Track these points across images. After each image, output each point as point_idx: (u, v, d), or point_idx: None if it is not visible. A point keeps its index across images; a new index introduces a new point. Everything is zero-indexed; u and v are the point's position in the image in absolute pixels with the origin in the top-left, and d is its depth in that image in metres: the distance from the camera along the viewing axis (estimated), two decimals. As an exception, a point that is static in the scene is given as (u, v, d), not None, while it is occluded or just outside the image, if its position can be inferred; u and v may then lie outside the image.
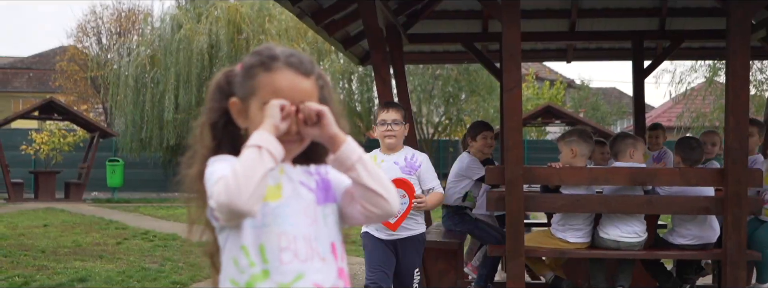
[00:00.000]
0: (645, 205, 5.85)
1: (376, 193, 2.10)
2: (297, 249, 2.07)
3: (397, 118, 5.35)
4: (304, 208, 2.13)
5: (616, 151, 6.26)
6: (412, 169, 5.36)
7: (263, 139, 1.96)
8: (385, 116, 5.38)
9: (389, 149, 5.41)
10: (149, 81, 23.91)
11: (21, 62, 49.72)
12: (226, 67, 2.29)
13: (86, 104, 37.73)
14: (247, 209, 1.90)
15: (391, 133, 5.34)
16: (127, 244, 11.53)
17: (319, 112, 2.07)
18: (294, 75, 2.10)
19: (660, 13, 8.76)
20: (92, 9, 52.67)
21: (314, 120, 2.07)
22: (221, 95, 2.19)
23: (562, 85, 32.92)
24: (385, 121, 5.37)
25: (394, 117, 5.36)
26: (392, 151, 5.40)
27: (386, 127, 5.36)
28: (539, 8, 8.69)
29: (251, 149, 1.94)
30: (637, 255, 6.05)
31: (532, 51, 11.03)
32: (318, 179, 2.21)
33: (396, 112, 5.36)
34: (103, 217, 16.00)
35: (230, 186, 1.88)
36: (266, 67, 2.10)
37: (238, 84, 2.16)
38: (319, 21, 7.26)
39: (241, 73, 2.16)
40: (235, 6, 24.10)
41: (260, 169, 1.91)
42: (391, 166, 5.32)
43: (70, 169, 23.61)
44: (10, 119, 22.77)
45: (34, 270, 8.92)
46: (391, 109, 5.39)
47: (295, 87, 2.10)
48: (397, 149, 5.42)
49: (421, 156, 5.45)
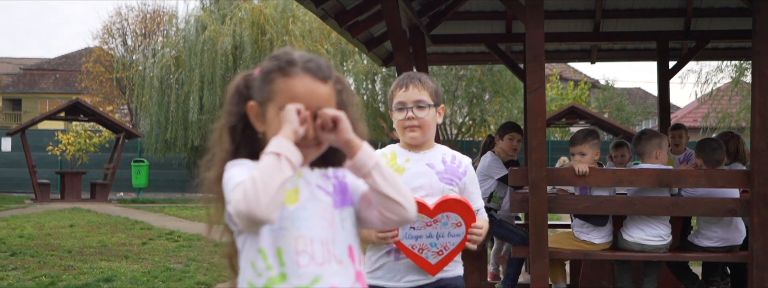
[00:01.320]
0: (670, 207, 5.80)
1: (393, 200, 2.10)
2: (314, 252, 2.08)
3: (422, 99, 3.35)
4: (321, 211, 2.13)
5: (641, 152, 6.13)
6: (454, 176, 3.40)
7: (282, 146, 1.96)
8: (404, 96, 3.38)
9: (415, 146, 3.44)
10: (174, 82, 24.05)
11: (47, 63, 50.20)
12: (245, 71, 2.29)
13: (112, 105, 38.00)
14: (266, 217, 1.90)
15: (413, 124, 3.36)
16: (152, 244, 11.60)
17: (335, 118, 2.06)
18: (312, 80, 2.10)
19: (685, 14, 8.70)
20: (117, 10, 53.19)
21: (330, 126, 2.07)
22: (240, 99, 2.20)
23: (586, 85, 32.74)
24: (404, 105, 3.37)
25: (417, 97, 3.35)
26: (420, 149, 3.43)
27: (406, 113, 3.36)
28: (563, 9, 8.67)
29: (270, 156, 1.94)
30: (662, 257, 6.00)
31: (556, 52, 11.00)
32: (335, 183, 2.21)
33: (420, 89, 3.36)
34: (129, 218, 16.10)
35: (249, 194, 1.88)
36: (284, 72, 2.11)
37: (257, 88, 2.16)
38: (343, 22, 7.27)
39: (259, 77, 2.17)
40: (259, 7, 24.18)
41: (279, 177, 1.91)
42: (424, 169, 3.39)
43: (96, 169, 23.80)
44: (36, 120, 22.98)
45: (60, 270, 9.00)
46: (411, 85, 3.37)
47: (313, 92, 2.09)
48: (426, 146, 3.44)
49: (463, 159, 3.49)
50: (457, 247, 3.35)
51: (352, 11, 7.22)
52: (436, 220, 3.28)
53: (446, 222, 3.29)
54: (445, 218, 3.28)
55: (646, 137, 6.13)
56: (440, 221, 3.28)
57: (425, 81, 3.42)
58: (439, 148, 3.50)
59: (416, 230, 3.28)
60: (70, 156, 23.72)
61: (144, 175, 23.24)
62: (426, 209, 3.26)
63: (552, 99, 29.99)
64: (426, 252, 3.28)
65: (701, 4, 8.63)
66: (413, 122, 3.36)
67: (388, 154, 3.46)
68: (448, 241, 3.31)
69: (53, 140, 24.32)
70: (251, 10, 23.91)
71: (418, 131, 3.38)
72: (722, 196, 6.00)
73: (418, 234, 3.28)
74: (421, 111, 3.36)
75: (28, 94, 47.83)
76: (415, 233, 3.28)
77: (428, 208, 3.26)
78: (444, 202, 3.26)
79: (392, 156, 3.45)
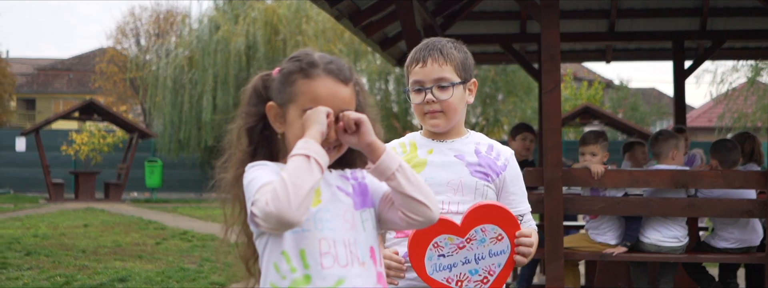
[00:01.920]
0: (687, 208, 5.76)
1: (417, 201, 2.09)
2: (337, 254, 2.07)
3: (444, 76, 2.65)
4: (343, 212, 2.13)
5: (658, 152, 6.12)
6: (491, 170, 2.71)
7: (311, 148, 1.96)
8: (421, 74, 2.68)
9: (441, 134, 2.76)
10: (187, 82, 24.12)
11: (61, 64, 50.44)
12: (262, 71, 2.29)
13: (125, 105, 38.16)
14: (297, 219, 1.90)
15: (434, 109, 2.67)
16: (166, 244, 11.62)
17: (358, 121, 2.07)
18: (333, 82, 2.11)
19: (701, 13, 8.64)
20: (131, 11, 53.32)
21: (353, 129, 2.07)
22: (258, 99, 2.20)
23: (600, 85, 32.64)
24: (422, 85, 2.69)
25: (437, 74, 2.65)
26: (447, 137, 2.75)
27: (424, 95, 2.68)
28: (578, 9, 8.62)
29: (300, 158, 1.94)
30: (679, 258, 5.96)
31: (570, 52, 10.95)
32: (354, 184, 2.21)
33: (441, 64, 2.65)
34: (142, 218, 16.14)
35: (279, 196, 1.88)
36: (305, 74, 2.11)
37: (276, 89, 2.16)
38: (357, 22, 7.26)
39: (279, 78, 2.16)
40: (272, 7, 24.22)
41: (309, 179, 1.91)
42: (451, 160, 2.71)
43: (110, 169, 23.87)
44: (51, 120, 23.08)
45: (75, 270, 9.02)
46: (430, 59, 2.67)
47: (335, 94, 2.10)
48: (454, 133, 2.76)
49: (503, 150, 2.78)
50: (506, 267, 2.60)
51: (366, 11, 7.20)
52: (470, 239, 2.59)
53: (483, 238, 2.59)
54: (479, 234, 2.59)
55: (663, 138, 6.12)
56: (475, 239, 2.59)
57: (449, 52, 2.68)
58: (472, 135, 2.79)
59: (447, 258, 2.59)
60: (84, 156, 23.81)
61: (157, 175, 23.30)
62: (453, 228, 2.59)
63: (566, 99, 29.90)
64: (467, 284, 2.59)
65: (717, 4, 8.57)
66: (434, 107, 2.65)
67: (408, 144, 2.80)
68: (492, 263, 2.60)
69: (67, 140, 24.41)
70: (264, 10, 23.96)
71: (440, 117, 2.67)
72: (738, 197, 5.95)
73: (451, 262, 2.59)
74: (443, 92, 2.64)
75: (43, 94, 48.05)
76: (446, 262, 2.59)
77: (455, 225, 2.59)
78: (473, 212, 2.58)
79: (412, 147, 2.78)
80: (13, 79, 38.29)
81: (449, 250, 2.59)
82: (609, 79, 42.42)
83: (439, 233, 2.58)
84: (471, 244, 2.59)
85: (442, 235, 2.58)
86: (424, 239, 2.58)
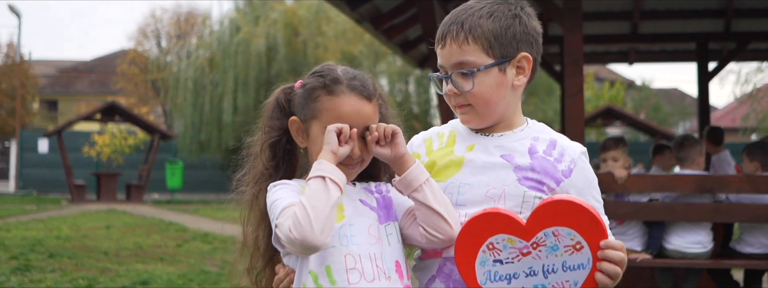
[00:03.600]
0: (712, 213, 5.70)
1: (439, 215, 2.05)
2: (363, 269, 2.05)
3: (466, 60, 2.05)
4: (367, 227, 2.11)
5: (684, 157, 6.09)
6: (547, 176, 2.08)
7: (325, 169, 1.96)
8: (442, 58, 2.13)
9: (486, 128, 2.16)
10: (208, 83, 24.20)
11: (83, 65, 50.73)
12: (284, 84, 2.27)
13: (146, 107, 38.33)
14: (321, 243, 1.90)
15: (459, 102, 2.11)
16: (187, 246, 11.64)
17: (394, 132, 2.06)
18: (357, 99, 2.09)
19: (725, 15, 8.55)
20: (152, 12, 53.58)
21: (388, 139, 2.06)
22: (281, 113, 2.19)
23: (622, 85, 32.45)
24: (444, 71, 2.14)
25: (457, 58, 2.06)
26: (494, 130, 2.15)
27: (446, 84, 2.12)
28: (600, 10, 8.55)
29: (316, 181, 1.94)
30: (703, 264, 5.89)
31: (593, 54, 10.88)
32: (378, 197, 2.19)
33: (460, 43, 2.06)
34: (163, 219, 16.19)
35: (301, 221, 1.88)
36: (329, 91, 2.09)
37: (300, 104, 2.15)
38: (378, 26, 7.24)
39: (302, 93, 2.15)
40: (292, 8, 24.25)
41: (328, 201, 1.91)
42: (495, 162, 2.10)
43: (131, 170, 23.99)
44: (73, 122, 23.22)
45: (97, 272, 9.04)
46: (448, 38, 2.08)
47: (359, 111, 2.08)
48: (504, 126, 2.15)
49: (569, 149, 2.13)
50: (584, 286, 1.94)
51: (387, 15, 7.19)
52: (537, 244, 1.96)
53: (555, 245, 1.95)
54: (551, 239, 1.95)
55: (689, 143, 6.11)
56: (545, 245, 1.96)
57: (474, 24, 2.03)
58: (530, 127, 2.16)
59: (505, 265, 1.98)
60: (106, 157, 23.95)
61: (178, 176, 23.39)
62: (516, 226, 1.98)
63: (588, 99, 29.75)
64: None
65: (742, 5, 8.47)
66: (458, 99, 2.09)
67: (446, 134, 2.22)
68: (566, 280, 1.94)
69: (89, 142, 24.56)
70: (285, 12, 23.99)
71: (469, 112, 2.10)
72: (765, 202, 5.88)
73: (511, 271, 1.98)
74: (465, 81, 2.05)
75: (65, 95, 48.33)
76: (504, 271, 1.98)
77: (519, 223, 1.98)
78: (543, 209, 1.96)
79: (450, 138, 2.20)
80: (35, 81, 38.58)
81: (509, 255, 1.98)
82: (631, 80, 42.18)
83: (497, 231, 1.98)
84: (538, 250, 1.96)
85: (501, 234, 1.98)
86: (477, 237, 2.00)
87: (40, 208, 19.28)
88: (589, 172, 2.11)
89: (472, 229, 2.02)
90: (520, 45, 2.06)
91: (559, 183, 2.06)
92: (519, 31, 2.06)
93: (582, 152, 2.12)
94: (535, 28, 2.11)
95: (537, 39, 2.11)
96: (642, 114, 34.65)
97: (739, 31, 8.80)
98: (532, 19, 2.11)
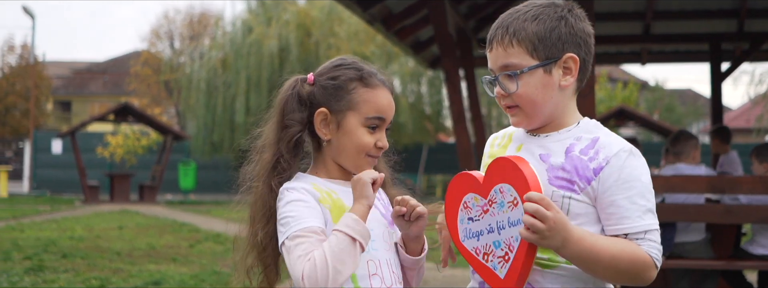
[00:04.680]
0: (724, 214, 5.67)
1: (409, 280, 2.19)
2: (383, 274, 2.07)
3: (511, 62, 2.07)
4: (382, 233, 2.13)
5: (680, 152, 6.17)
6: (576, 175, 2.03)
7: (359, 230, 1.94)
8: (490, 61, 2.15)
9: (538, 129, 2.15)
10: (221, 84, 24.25)
11: (97, 66, 50.93)
12: (296, 75, 2.22)
13: (159, 107, 38.45)
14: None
15: (507, 103, 2.12)
16: (200, 247, 11.67)
17: (420, 214, 2.08)
18: (388, 93, 2.14)
19: (738, 15, 8.50)
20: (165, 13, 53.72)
21: (413, 219, 2.09)
22: (302, 105, 2.14)
23: (635, 86, 32.34)
24: (494, 74, 2.13)
25: (502, 61, 2.09)
26: (543, 131, 2.13)
27: (495, 86, 2.14)
28: (613, 11, 8.52)
29: (345, 239, 1.91)
30: (717, 266, 5.87)
31: (605, 54, 10.84)
32: (384, 202, 2.21)
33: (505, 47, 2.08)
34: (176, 220, 16.24)
35: (318, 276, 1.87)
36: (365, 83, 2.11)
37: (329, 95, 2.11)
38: (390, 27, 7.24)
39: (333, 84, 2.11)
40: (304, 9, 24.28)
41: (351, 265, 1.91)
42: (532, 163, 2.04)
43: (144, 171, 24.07)
44: (86, 122, 23.32)
45: (110, 272, 9.07)
46: (494, 43, 2.12)
47: (391, 104, 2.13)
48: (554, 126, 2.13)
49: (606, 148, 2.05)
50: (522, 242, 1.93)
51: (398, 15, 7.18)
52: (492, 201, 2.02)
53: (502, 202, 2.00)
54: (499, 195, 2.01)
55: (684, 138, 6.24)
56: (496, 202, 2.01)
57: (519, 27, 2.06)
58: (580, 127, 2.11)
59: (475, 223, 2.07)
60: (119, 158, 24.04)
61: (191, 176, 23.45)
62: (476, 185, 2.07)
63: (600, 100, 29.65)
64: (492, 258, 2.02)
65: (755, 5, 8.42)
66: (506, 101, 2.11)
67: (507, 134, 2.24)
68: (511, 235, 1.97)
69: (102, 142, 24.65)
70: (297, 13, 24.02)
71: (518, 114, 2.10)
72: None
73: (479, 228, 2.05)
74: (510, 82, 2.06)
75: (78, 96, 48.53)
76: (475, 228, 2.07)
77: (478, 182, 2.07)
78: (492, 166, 2.04)
79: (508, 139, 2.22)
80: (49, 82, 38.75)
81: (476, 213, 2.06)
82: (644, 80, 42.04)
83: (467, 191, 2.08)
84: (493, 207, 2.02)
85: (470, 193, 2.07)
86: (457, 197, 2.11)
87: (54, 208, 19.36)
88: (628, 172, 2.00)
89: (452, 190, 2.12)
90: (567, 46, 2.06)
91: (590, 182, 2.00)
92: (564, 33, 2.05)
93: (621, 150, 2.01)
94: (584, 30, 2.10)
95: (586, 40, 2.10)
96: (655, 115, 34.52)
97: (752, 32, 8.75)
98: (580, 20, 2.10)
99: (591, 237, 1.92)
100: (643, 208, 1.98)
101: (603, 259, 1.90)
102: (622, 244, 1.94)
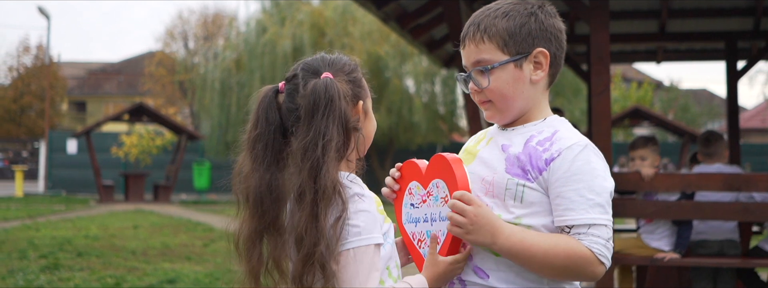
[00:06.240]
0: (741, 212, 5.64)
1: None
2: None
3: (482, 58, 2.13)
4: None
5: (713, 152, 6.12)
6: (532, 165, 2.06)
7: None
8: (464, 58, 2.20)
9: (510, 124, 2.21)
10: (235, 84, 24.31)
11: (112, 67, 51.15)
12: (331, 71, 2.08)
13: (174, 107, 38.57)
14: None
15: (481, 99, 2.18)
16: (214, 246, 11.70)
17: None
18: None
19: (754, 13, 8.45)
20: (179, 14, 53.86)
21: None
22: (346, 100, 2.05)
23: (650, 86, 32.24)
24: (467, 70, 2.19)
25: (474, 57, 2.15)
26: (512, 125, 2.19)
27: (469, 83, 2.18)
28: (627, 9, 8.49)
29: None
30: (732, 264, 5.84)
31: (620, 53, 10.79)
32: None
33: (477, 43, 2.14)
34: (191, 219, 16.28)
35: None
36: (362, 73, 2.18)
37: (356, 88, 2.08)
38: (405, 25, 7.23)
39: (353, 79, 2.09)
40: (318, 9, 24.31)
41: None
42: (495, 153, 2.14)
43: (159, 171, 24.15)
44: (101, 122, 23.42)
45: (124, 271, 9.11)
46: (467, 40, 2.18)
47: None
48: (523, 121, 2.18)
49: (562, 140, 2.08)
50: (449, 236, 2.07)
51: (413, 14, 7.17)
52: (430, 193, 2.16)
53: (436, 196, 2.14)
54: (435, 189, 2.14)
55: (715, 139, 6.21)
56: (433, 194, 2.15)
57: (489, 24, 2.11)
58: (545, 122, 2.15)
59: (415, 209, 2.21)
60: (134, 158, 24.13)
61: (205, 176, 23.52)
62: (419, 174, 2.20)
63: (615, 100, 29.60)
64: (423, 246, 2.17)
65: (771, 3, 8.38)
66: (480, 97, 2.17)
67: (483, 133, 2.30)
68: (440, 229, 2.11)
69: (117, 142, 24.75)
70: (311, 13, 24.06)
71: (490, 108, 2.16)
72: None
73: (417, 215, 2.20)
74: (482, 77, 2.12)
75: (93, 96, 48.77)
76: (415, 214, 2.21)
77: (421, 172, 2.20)
78: (433, 161, 2.17)
79: (482, 135, 2.28)
80: (64, 82, 38.95)
81: (417, 201, 2.19)
82: (659, 80, 41.89)
83: (413, 178, 2.21)
84: (430, 199, 2.15)
85: (414, 180, 2.20)
86: (405, 181, 2.25)
87: (69, 208, 19.46)
88: (578, 165, 2.02)
89: (403, 175, 2.25)
90: (537, 41, 2.11)
91: (541, 172, 2.05)
92: (534, 28, 2.11)
93: (576, 143, 2.05)
94: (554, 25, 2.14)
95: (556, 35, 2.14)
96: (670, 114, 34.39)
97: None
98: (550, 16, 2.15)
99: (522, 232, 1.99)
100: (590, 202, 2.00)
101: (536, 254, 1.96)
102: (557, 239, 1.98)
